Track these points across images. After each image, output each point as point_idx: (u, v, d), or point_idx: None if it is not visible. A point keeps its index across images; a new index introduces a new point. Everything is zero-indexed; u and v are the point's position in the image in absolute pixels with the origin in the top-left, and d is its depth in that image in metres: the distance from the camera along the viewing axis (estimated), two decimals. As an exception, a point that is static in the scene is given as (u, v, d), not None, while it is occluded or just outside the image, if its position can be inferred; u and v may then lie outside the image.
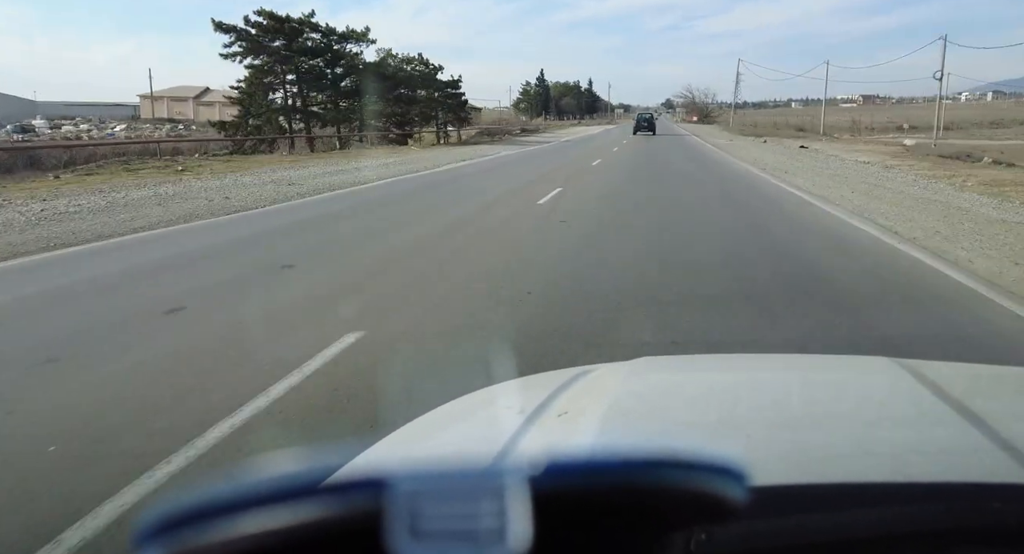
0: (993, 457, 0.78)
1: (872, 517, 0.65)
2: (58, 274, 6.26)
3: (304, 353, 3.81)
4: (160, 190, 12.93)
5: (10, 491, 2.54)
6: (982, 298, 5.18)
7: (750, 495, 0.45)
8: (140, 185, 13.74)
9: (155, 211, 10.19)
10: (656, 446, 0.45)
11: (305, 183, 14.67)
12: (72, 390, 3.46)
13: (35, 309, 5.13)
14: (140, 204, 10.95)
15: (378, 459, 0.95)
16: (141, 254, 7.21)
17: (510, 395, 1.25)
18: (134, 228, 8.73)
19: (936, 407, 0.99)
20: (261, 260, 6.80)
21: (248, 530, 0.40)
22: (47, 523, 2.30)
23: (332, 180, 15.36)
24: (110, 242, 7.87)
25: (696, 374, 1.43)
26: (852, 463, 0.79)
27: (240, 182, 14.75)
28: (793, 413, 1.07)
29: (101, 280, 6.06)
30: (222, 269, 6.42)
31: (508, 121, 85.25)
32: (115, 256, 7.11)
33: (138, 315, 4.82)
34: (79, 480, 2.58)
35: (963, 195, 11.57)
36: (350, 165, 19.75)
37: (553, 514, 0.42)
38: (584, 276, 5.93)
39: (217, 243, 7.89)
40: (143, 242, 7.93)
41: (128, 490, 2.49)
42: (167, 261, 6.78)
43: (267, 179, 15.45)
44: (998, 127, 51.56)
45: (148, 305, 5.05)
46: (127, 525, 2.29)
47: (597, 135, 48.77)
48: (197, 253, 7.22)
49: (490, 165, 21.60)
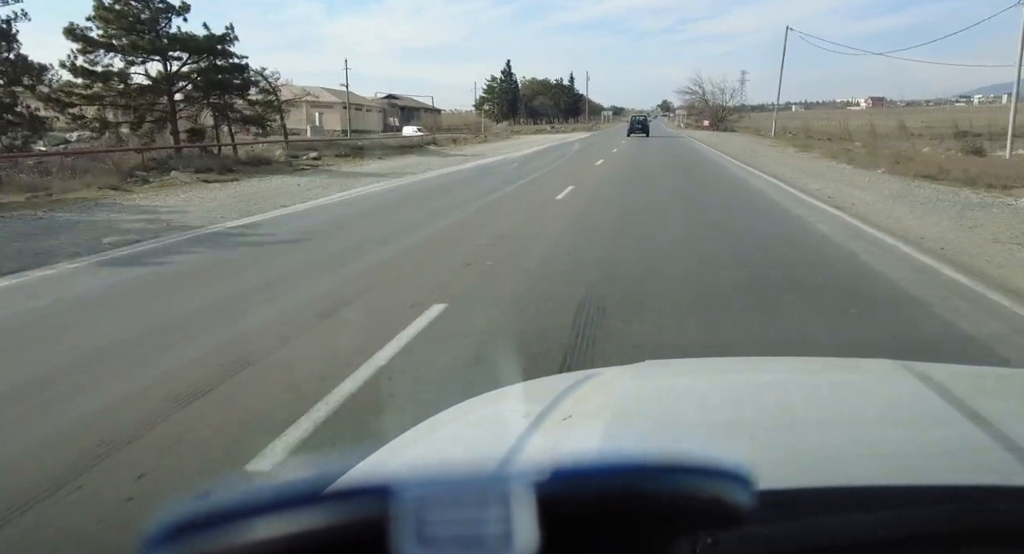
0: (999, 458, 0.78)
1: (878, 520, 0.65)
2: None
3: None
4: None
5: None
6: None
7: (756, 499, 0.46)
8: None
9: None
10: (661, 450, 0.45)
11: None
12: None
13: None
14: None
15: (383, 464, 0.96)
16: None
17: (514, 399, 1.26)
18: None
19: (941, 409, 0.99)
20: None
21: (256, 536, 0.40)
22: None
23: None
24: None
25: (700, 377, 1.43)
26: (858, 466, 0.79)
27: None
28: (798, 416, 1.07)
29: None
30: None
31: (463, 126, 72.57)
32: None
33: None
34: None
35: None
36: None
37: (559, 519, 0.42)
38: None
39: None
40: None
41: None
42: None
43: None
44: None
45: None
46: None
47: (557, 155, 25.99)
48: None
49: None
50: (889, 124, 41.57)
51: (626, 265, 6.28)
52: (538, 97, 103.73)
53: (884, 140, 31.27)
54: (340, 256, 7.02)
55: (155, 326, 4.57)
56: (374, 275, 6.12)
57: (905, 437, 0.92)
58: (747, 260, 6.45)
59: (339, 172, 19.73)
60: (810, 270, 6.09)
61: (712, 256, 6.65)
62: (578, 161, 22.32)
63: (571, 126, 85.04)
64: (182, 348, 4.06)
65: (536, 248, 7.19)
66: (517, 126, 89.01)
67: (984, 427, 0.86)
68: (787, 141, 34.74)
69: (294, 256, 7.14)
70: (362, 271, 6.30)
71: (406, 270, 6.31)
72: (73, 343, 4.24)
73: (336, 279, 5.98)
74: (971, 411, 0.93)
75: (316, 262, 6.77)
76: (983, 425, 0.87)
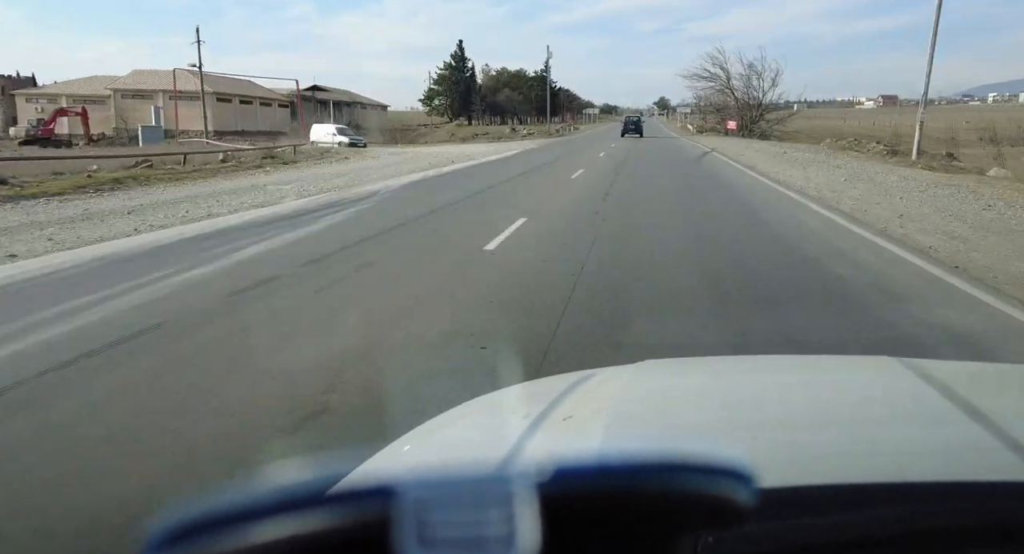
0: (999, 456, 0.78)
1: (879, 517, 0.65)
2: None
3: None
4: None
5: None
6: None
7: (757, 497, 0.46)
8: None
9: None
10: (662, 450, 0.45)
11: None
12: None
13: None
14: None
15: (384, 466, 0.95)
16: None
17: (515, 400, 1.27)
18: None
19: (941, 406, 0.99)
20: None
21: (258, 539, 0.40)
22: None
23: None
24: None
25: (700, 376, 1.43)
26: (858, 463, 0.79)
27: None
28: (797, 414, 1.06)
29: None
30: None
31: (401, 127, 66.07)
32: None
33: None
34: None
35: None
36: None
37: (560, 519, 0.42)
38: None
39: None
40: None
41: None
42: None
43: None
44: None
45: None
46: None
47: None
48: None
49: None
50: (933, 126, 32.30)
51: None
52: (504, 90, 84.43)
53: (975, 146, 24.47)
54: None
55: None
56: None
57: (905, 435, 0.92)
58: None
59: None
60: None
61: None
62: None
63: (538, 127, 66.51)
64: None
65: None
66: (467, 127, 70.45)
67: (984, 424, 0.86)
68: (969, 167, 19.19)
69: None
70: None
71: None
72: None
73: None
74: (971, 408, 0.93)
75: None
76: (983, 422, 0.87)
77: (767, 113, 43.73)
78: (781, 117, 45.09)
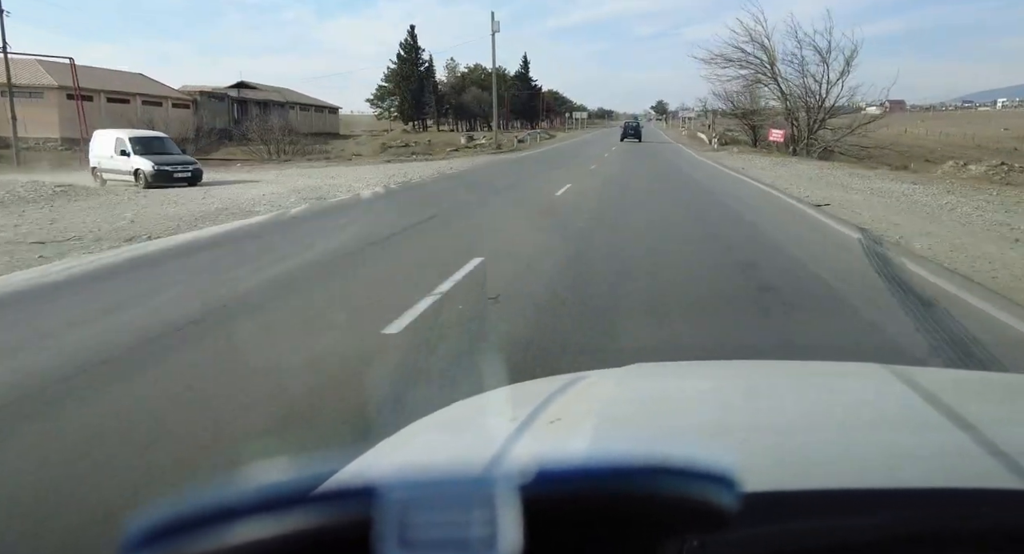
0: (983, 462, 0.78)
1: (864, 522, 0.65)
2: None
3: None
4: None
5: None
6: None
7: (742, 502, 0.45)
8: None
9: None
10: (648, 453, 0.45)
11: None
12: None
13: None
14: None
15: (368, 467, 0.94)
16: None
17: (502, 402, 1.25)
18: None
19: (926, 413, 0.99)
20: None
21: (239, 539, 0.40)
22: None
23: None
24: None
25: (688, 380, 1.42)
26: (844, 468, 0.79)
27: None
28: (785, 419, 1.06)
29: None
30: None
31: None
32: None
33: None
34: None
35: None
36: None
37: (544, 522, 0.42)
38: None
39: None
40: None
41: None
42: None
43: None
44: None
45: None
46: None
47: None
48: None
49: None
50: (967, 133, 30.41)
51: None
52: (471, 89, 70.60)
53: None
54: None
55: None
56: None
57: (891, 441, 0.92)
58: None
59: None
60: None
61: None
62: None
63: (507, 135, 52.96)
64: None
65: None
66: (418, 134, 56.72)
67: (968, 431, 0.86)
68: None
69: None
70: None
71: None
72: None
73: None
74: (956, 415, 0.93)
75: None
76: (967, 429, 0.87)
77: (831, 117, 28.84)
78: (860, 124, 28.90)
